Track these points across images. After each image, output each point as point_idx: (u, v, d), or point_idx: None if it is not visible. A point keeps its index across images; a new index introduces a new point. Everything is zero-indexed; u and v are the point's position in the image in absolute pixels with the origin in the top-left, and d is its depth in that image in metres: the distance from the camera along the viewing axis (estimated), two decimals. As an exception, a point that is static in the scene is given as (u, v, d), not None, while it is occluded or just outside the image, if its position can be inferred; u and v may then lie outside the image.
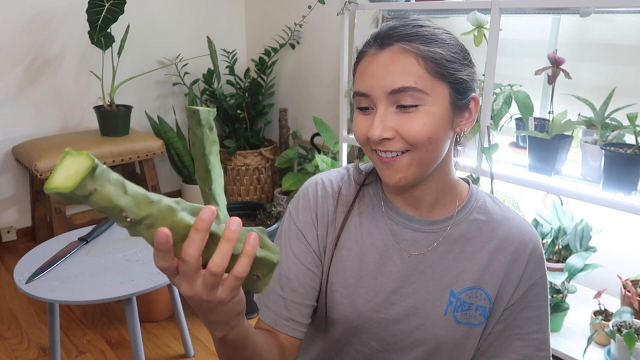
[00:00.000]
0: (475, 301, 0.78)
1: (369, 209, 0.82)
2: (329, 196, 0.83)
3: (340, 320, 0.80)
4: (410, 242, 0.79)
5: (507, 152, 1.82)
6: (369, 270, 0.79)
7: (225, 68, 3.04)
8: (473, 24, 1.63)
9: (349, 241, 0.81)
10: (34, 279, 1.41)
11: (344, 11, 2.05)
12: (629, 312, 1.47)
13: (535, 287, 0.79)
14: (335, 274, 0.80)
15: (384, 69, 0.69)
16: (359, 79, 0.73)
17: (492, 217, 0.80)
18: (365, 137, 0.72)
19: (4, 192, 2.67)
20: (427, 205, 0.79)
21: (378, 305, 0.79)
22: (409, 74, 0.68)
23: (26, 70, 2.60)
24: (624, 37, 1.73)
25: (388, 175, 0.72)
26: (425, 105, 0.69)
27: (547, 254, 1.78)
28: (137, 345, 1.49)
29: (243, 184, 3.01)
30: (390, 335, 0.79)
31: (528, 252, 0.79)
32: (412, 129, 0.69)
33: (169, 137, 2.89)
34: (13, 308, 2.17)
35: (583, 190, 1.52)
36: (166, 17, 3.01)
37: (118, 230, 1.76)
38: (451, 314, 0.78)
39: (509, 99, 1.73)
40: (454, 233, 0.79)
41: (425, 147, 0.70)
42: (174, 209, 0.49)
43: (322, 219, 0.82)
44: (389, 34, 0.71)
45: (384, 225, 0.81)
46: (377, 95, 0.70)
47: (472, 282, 0.78)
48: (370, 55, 0.72)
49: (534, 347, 0.80)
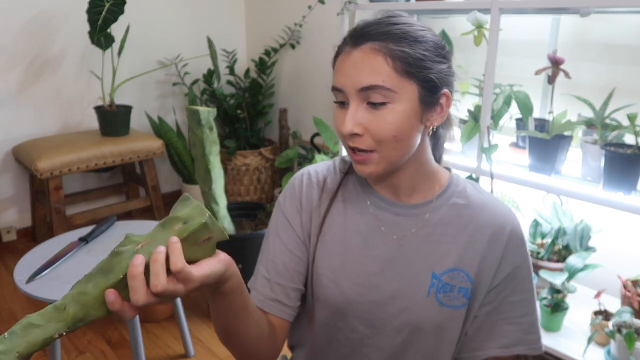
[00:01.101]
0: (457, 283, 0.80)
1: (352, 195, 0.86)
2: (314, 185, 0.88)
3: (328, 302, 0.83)
4: (393, 226, 0.83)
5: (507, 152, 1.82)
6: (353, 254, 0.83)
7: (225, 68, 3.04)
8: (473, 24, 1.63)
9: (333, 227, 0.85)
10: (34, 279, 1.41)
11: (344, 11, 2.05)
12: (629, 312, 1.47)
13: (520, 270, 0.82)
14: (321, 259, 0.84)
15: (355, 67, 0.73)
16: (335, 74, 0.77)
17: (471, 202, 0.83)
18: (340, 132, 0.77)
19: (4, 192, 2.67)
20: (406, 191, 0.83)
21: (363, 288, 0.82)
22: (377, 72, 0.72)
23: (26, 70, 2.60)
24: (624, 37, 1.73)
25: (359, 169, 0.78)
26: (393, 103, 0.73)
27: (547, 254, 1.78)
28: (137, 345, 1.49)
29: (243, 184, 3.01)
30: (376, 318, 0.82)
31: (506, 234, 0.81)
32: (379, 126, 0.73)
33: (169, 137, 2.89)
34: (13, 308, 2.17)
35: (583, 190, 1.52)
36: (166, 17, 3.01)
37: (118, 230, 1.76)
38: (434, 296, 0.80)
39: (509, 99, 1.73)
40: (434, 217, 0.82)
41: (392, 144, 0.74)
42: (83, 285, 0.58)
43: (306, 206, 0.87)
44: (362, 33, 0.75)
45: (367, 211, 0.84)
46: (349, 91, 0.74)
47: (453, 264, 0.81)
48: (345, 53, 0.76)
49: (524, 331, 0.82)
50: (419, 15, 2.27)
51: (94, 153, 2.42)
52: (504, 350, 0.83)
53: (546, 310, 1.63)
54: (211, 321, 2.07)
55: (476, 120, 1.73)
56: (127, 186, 2.97)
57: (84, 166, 2.39)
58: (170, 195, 3.23)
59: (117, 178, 3.02)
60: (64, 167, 2.32)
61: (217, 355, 1.88)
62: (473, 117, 1.78)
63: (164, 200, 2.85)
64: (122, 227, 1.78)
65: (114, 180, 3.02)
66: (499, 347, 0.83)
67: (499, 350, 0.83)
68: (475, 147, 1.72)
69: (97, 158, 2.43)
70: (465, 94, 1.89)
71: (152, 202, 2.69)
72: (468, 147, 1.78)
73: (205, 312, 2.13)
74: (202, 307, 2.17)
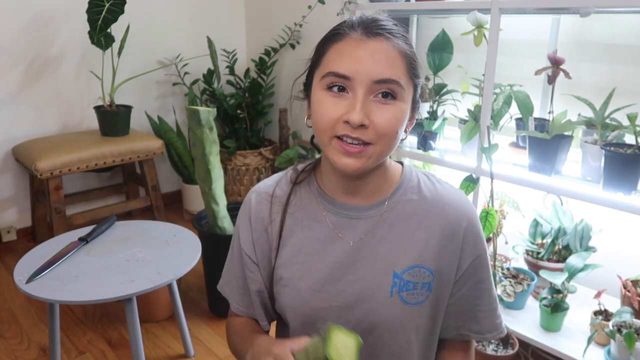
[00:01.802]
0: (420, 279, 0.80)
1: (306, 204, 0.85)
2: (263, 201, 0.88)
3: (295, 312, 0.84)
4: (349, 230, 0.82)
5: (507, 152, 1.82)
6: (313, 262, 0.83)
7: (225, 68, 3.04)
8: (473, 24, 1.63)
9: (291, 238, 0.85)
10: (34, 279, 1.41)
11: (344, 11, 2.05)
12: (629, 312, 1.47)
13: (480, 259, 0.84)
14: (283, 270, 0.85)
15: (372, 57, 0.71)
16: (339, 59, 0.72)
17: (426, 196, 0.83)
18: (333, 121, 0.72)
19: (4, 192, 2.67)
20: (366, 193, 0.82)
21: (327, 294, 0.82)
22: (395, 67, 0.72)
23: (26, 70, 2.60)
24: (624, 37, 1.73)
25: (347, 163, 0.73)
26: (400, 101, 0.73)
27: (547, 253, 1.78)
28: (137, 345, 1.49)
29: (243, 184, 3.01)
30: (345, 322, 0.81)
31: (464, 225, 0.82)
32: (387, 120, 0.72)
33: (169, 137, 2.89)
34: (13, 308, 2.17)
35: (583, 190, 1.52)
36: (166, 17, 3.01)
37: (118, 230, 1.76)
38: (397, 295, 0.80)
39: (509, 99, 1.73)
40: (390, 215, 0.82)
41: (389, 139, 0.73)
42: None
43: (256, 223, 0.87)
44: (377, 25, 0.73)
45: (322, 218, 0.84)
46: (361, 80, 0.71)
47: (412, 261, 0.80)
48: (354, 39, 0.73)
49: (495, 316, 0.87)
50: (419, 15, 2.27)
51: (94, 153, 2.42)
52: (477, 335, 0.86)
53: (546, 310, 1.63)
54: (211, 321, 2.07)
55: (476, 120, 1.73)
56: (127, 186, 2.97)
57: (84, 166, 2.39)
58: (171, 195, 3.23)
59: (117, 178, 3.02)
60: (64, 167, 2.32)
61: (217, 355, 1.88)
62: (473, 117, 1.78)
63: (164, 200, 2.85)
64: (122, 227, 1.78)
65: (114, 180, 3.02)
66: (474, 332, 0.86)
67: (474, 335, 0.86)
68: (475, 147, 1.72)
69: (97, 158, 2.43)
70: (465, 94, 1.89)
71: (152, 202, 2.69)
72: (468, 147, 1.78)
73: (205, 312, 2.13)
74: (202, 307, 2.17)
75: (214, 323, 2.06)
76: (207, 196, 1.92)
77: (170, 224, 1.82)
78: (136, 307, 1.47)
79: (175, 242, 1.68)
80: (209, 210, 1.95)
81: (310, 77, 0.80)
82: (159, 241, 1.68)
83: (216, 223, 1.96)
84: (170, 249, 1.62)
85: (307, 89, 0.81)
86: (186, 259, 1.56)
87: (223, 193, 1.96)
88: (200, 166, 1.87)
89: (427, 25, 2.34)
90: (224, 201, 1.97)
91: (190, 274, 1.86)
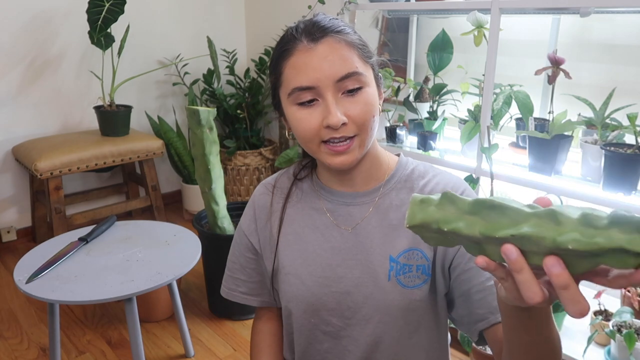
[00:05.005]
0: (414, 262, 0.82)
1: (307, 195, 0.90)
2: (266, 192, 0.94)
3: (298, 300, 0.87)
4: (346, 217, 0.86)
5: (507, 152, 1.82)
6: (313, 249, 0.87)
7: (225, 68, 3.04)
8: (473, 24, 1.63)
9: (292, 226, 0.89)
10: (34, 279, 1.41)
11: (344, 11, 2.05)
12: (629, 312, 1.47)
13: None
14: (285, 258, 0.88)
15: (326, 60, 0.74)
16: (297, 74, 0.75)
17: (419, 182, 0.86)
18: (315, 131, 0.76)
19: (4, 192, 2.67)
20: (361, 181, 0.86)
21: (327, 280, 0.85)
22: (349, 60, 0.75)
23: (26, 70, 2.60)
24: (624, 37, 1.73)
25: (341, 162, 0.78)
26: (365, 87, 0.76)
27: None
28: (137, 345, 1.49)
29: (243, 184, 3.01)
30: (345, 308, 0.84)
31: None
32: (362, 110, 0.75)
33: (169, 137, 2.89)
34: (13, 308, 2.17)
35: (583, 190, 1.52)
36: (166, 17, 3.01)
37: (118, 230, 1.76)
38: (394, 279, 0.82)
39: (509, 99, 1.73)
40: (384, 202, 0.85)
41: (369, 125, 0.77)
42: None
43: (260, 213, 0.93)
44: (319, 28, 0.76)
45: (321, 207, 0.88)
46: (325, 85, 0.74)
47: (407, 245, 0.82)
48: (303, 50, 0.75)
49: (493, 293, 0.78)
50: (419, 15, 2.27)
51: (94, 153, 2.42)
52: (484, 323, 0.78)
53: (546, 310, 1.63)
54: (211, 321, 2.07)
55: (476, 120, 1.73)
56: (127, 186, 2.97)
57: (84, 166, 2.39)
58: (170, 195, 3.23)
59: (117, 178, 3.02)
60: (64, 167, 2.32)
61: (217, 356, 1.88)
62: (473, 117, 1.78)
63: (164, 200, 2.85)
64: (122, 227, 1.79)
65: (114, 180, 3.02)
66: (479, 321, 0.79)
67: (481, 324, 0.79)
68: (475, 147, 1.72)
69: (97, 158, 2.43)
70: (465, 94, 1.89)
71: (152, 202, 2.69)
72: (468, 147, 1.78)
73: (205, 312, 2.13)
74: (202, 307, 2.17)
75: (214, 323, 2.06)
76: (207, 196, 1.92)
77: (170, 224, 1.82)
78: (136, 307, 1.47)
79: (175, 242, 1.68)
80: (209, 210, 1.95)
81: (276, 97, 0.83)
82: (159, 241, 1.68)
83: (216, 223, 1.96)
84: (170, 249, 1.62)
85: (278, 107, 0.85)
86: (186, 259, 1.56)
87: (223, 193, 1.96)
88: (200, 166, 1.87)
89: (427, 25, 2.34)
90: (224, 201, 1.97)
91: (190, 274, 1.86)
